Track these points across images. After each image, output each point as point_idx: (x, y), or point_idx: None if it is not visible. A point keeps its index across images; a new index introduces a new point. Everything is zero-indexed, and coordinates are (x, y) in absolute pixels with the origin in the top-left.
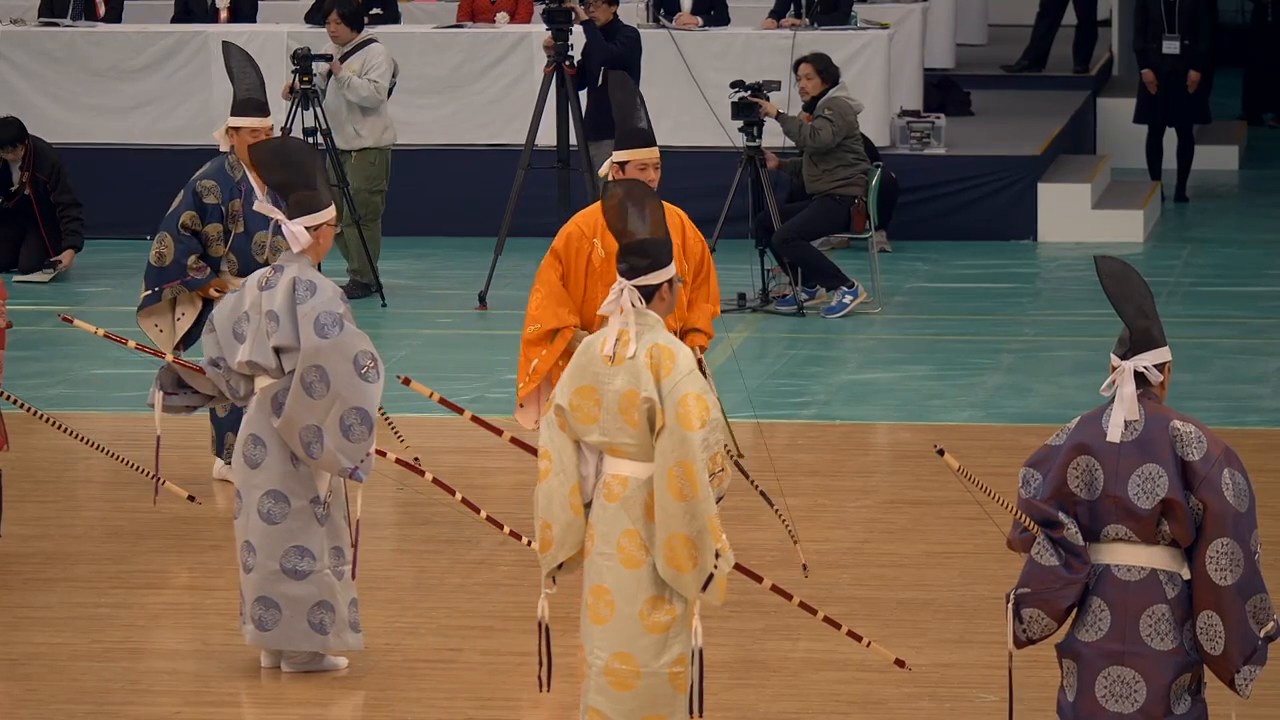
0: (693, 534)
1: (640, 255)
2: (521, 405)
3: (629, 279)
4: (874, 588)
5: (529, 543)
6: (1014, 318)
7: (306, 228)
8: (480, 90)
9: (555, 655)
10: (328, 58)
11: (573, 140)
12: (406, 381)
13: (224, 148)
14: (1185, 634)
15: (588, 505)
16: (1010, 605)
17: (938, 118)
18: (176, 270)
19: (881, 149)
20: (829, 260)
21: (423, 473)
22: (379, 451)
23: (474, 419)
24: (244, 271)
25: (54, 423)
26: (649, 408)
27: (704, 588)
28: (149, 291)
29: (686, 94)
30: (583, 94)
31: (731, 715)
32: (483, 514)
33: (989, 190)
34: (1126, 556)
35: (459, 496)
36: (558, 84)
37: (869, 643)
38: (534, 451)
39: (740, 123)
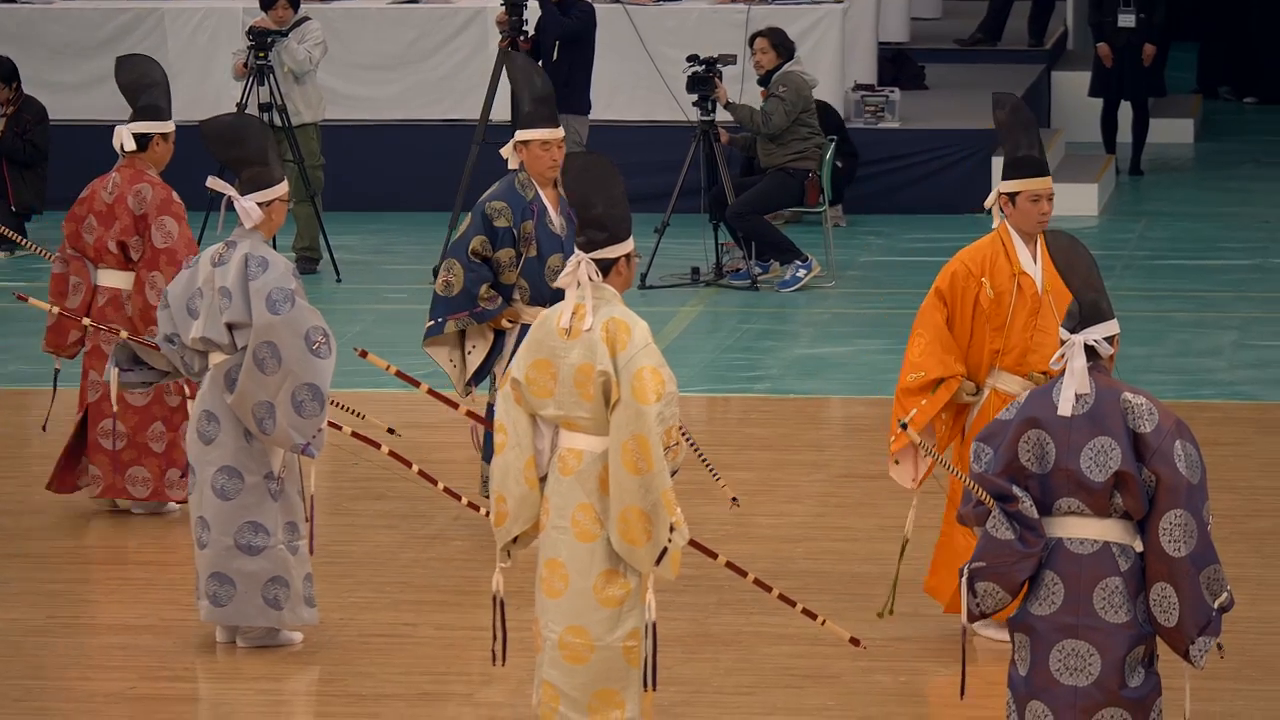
0: (647, 508)
1: (598, 229)
2: (896, 461)
3: (586, 252)
4: (828, 562)
5: (487, 514)
6: None
7: (258, 203)
8: (435, 66)
9: (510, 629)
10: (282, 34)
11: None
12: (364, 354)
13: (513, 164)
14: (1139, 606)
15: (543, 479)
16: (965, 579)
17: (892, 92)
18: (465, 300)
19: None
20: (782, 234)
21: (379, 445)
22: (333, 425)
23: (431, 392)
24: (536, 299)
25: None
26: (604, 381)
27: (658, 561)
28: (432, 322)
29: (641, 68)
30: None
31: (685, 689)
32: (440, 486)
33: (943, 164)
34: (1079, 529)
35: (416, 469)
36: None
37: (824, 620)
38: (490, 425)
39: (694, 97)
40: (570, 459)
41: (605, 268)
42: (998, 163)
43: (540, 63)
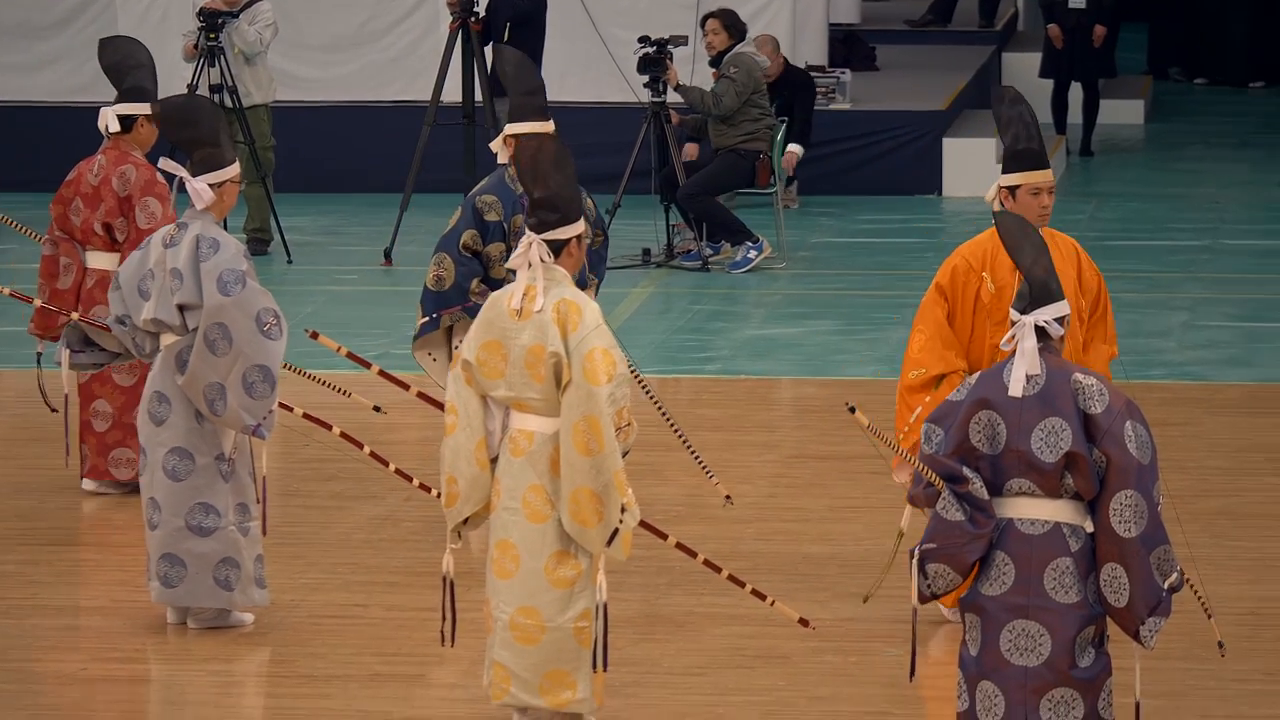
0: (598, 488)
1: (549, 210)
2: (907, 458)
3: (538, 233)
4: (779, 542)
5: (438, 495)
6: (919, 273)
7: (210, 185)
8: (385, 47)
9: (460, 610)
10: (233, 15)
11: (478, 96)
12: (315, 335)
13: (502, 159)
14: (1089, 587)
15: (494, 460)
16: (915, 560)
17: (843, 73)
18: (457, 294)
19: None
20: (733, 215)
21: (330, 426)
22: (284, 406)
23: (381, 373)
24: None
25: None
26: (555, 362)
27: (609, 542)
28: (426, 319)
29: (592, 49)
30: (488, 49)
31: (636, 670)
32: (391, 467)
33: (894, 145)
34: (1030, 510)
35: (367, 450)
36: (463, 40)
37: (773, 601)
38: (441, 407)
39: (645, 78)
40: (521, 440)
41: (556, 249)
42: (949, 144)
43: (490, 43)
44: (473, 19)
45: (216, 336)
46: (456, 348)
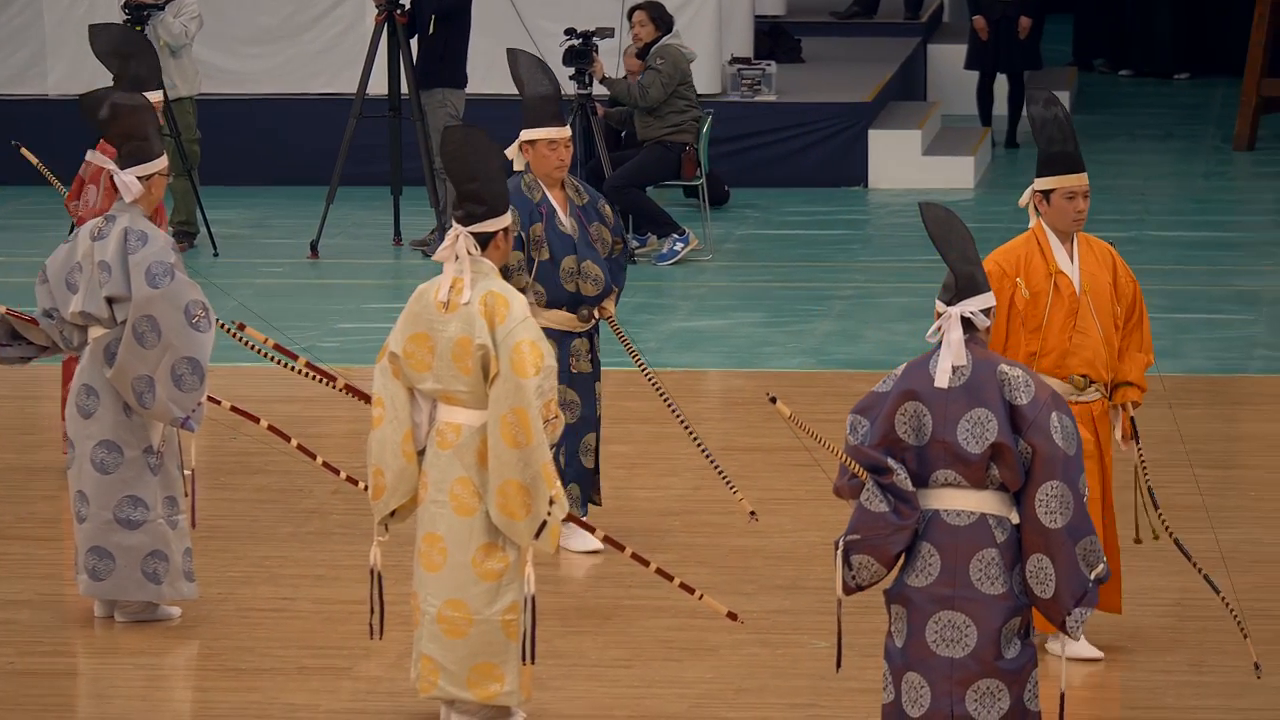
0: (526, 481)
1: (477, 202)
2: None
3: (465, 225)
4: (706, 534)
5: (365, 488)
6: (845, 264)
7: (138, 177)
8: (312, 39)
9: (388, 603)
10: (158, 7)
11: (404, 89)
12: (242, 328)
13: (518, 165)
14: (1015, 578)
15: (421, 452)
16: (840, 552)
17: (768, 65)
18: None
19: (713, 96)
20: (660, 207)
21: (257, 420)
22: (212, 399)
23: (309, 366)
24: (553, 303)
25: None
26: (483, 355)
27: (537, 535)
28: None
29: (518, 41)
30: (414, 42)
31: (564, 663)
32: (319, 460)
33: (820, 137)
34: (955, 501)
35: (295, 443)
36: (389, 32)
37: (700, 595)
38: (368, 399)
39: (571, 71)
40: (448, 432)
41: (483, 241)
42: (875, 135)
43: (415, 36)
44: (398, 11)
45: (145, 329)
46: None
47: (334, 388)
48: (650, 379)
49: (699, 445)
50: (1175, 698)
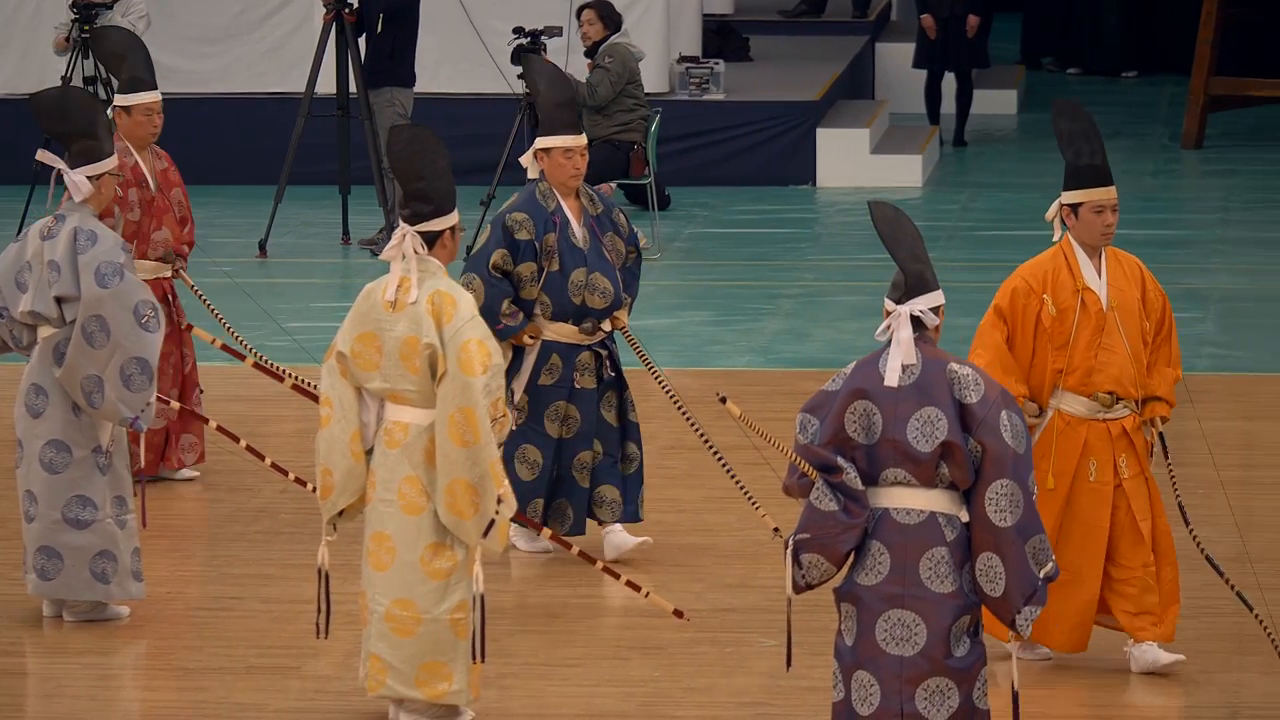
0: (474, 480)
1: (423, 201)
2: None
3: (412, 225)
4: (655, 533)
5: (313, 488)
6: (793, 263)
7: (88, 177)
8: (260, 38)
9: (336, 602)
10: (107, 6)
11: (352, 88)
12: (190, 328)
13: (532, 174)
14: (964, 576)
15: (369, 452)
16: (789, 551)
17: (716, 63)
18: (487, 317)
19: (661, 95)
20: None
21: (206, 420)
22: (161, 400)
23: (256, 366)
24: (559, 315)
25: None
26: (430, 354)
27: (485, 534)
28: None
29: (466, 40)
30: (362, 41)
31: (513, 662)
32: (268, 460)
33: (768, 136)
34: (905, 500)
35: (243, 443)
36: (337, 31)
37: (647, 593)
38: (315, 399)
39: (519, 69)
40: (396, 431)
41: (430, 240)
42: (823, 134)
43: (364, 35)
44: (347, 10)
45: (94, 329)
46: None
47: (290, 383)
48: (667, 390)
49: (719, 460)
50: (1123, 694)
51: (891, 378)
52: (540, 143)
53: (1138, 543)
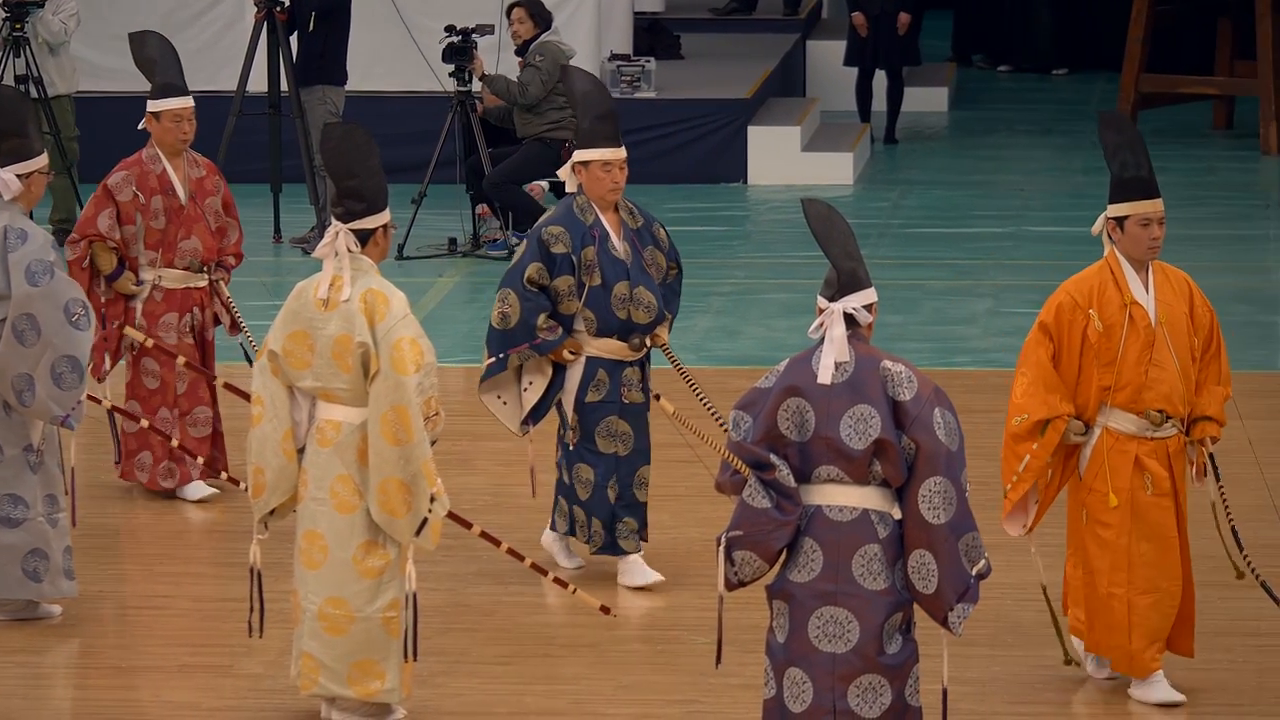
0: (407, 478)
1: (356, 199)
2: (1009, 513)
3: (344, 223)
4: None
5: (245, 487)
6: (725, 261)
7: (18, 175)
8: (192, 37)
9: (268, 601)
10: (38, 4)
11: (284, 86)
12: (121, 327)
13: (570, 188)
14: (897, 574)
15: (301, 450)
16: (722, 548)
17: (648, 61)
18: (524, 332)
19: None
20: (539, 204)
21: (138, 419)
22: (92, 398)
23: (188, 365)
24: (604, 330)
25: None
26: (363, 352)
27: (418, 532)
28: (493, 359)
29: (398, 38)
30: (293, 39)
31: (444, 659)
32: (199, 460)
33: (699, 133)
34: (838, 497)
35: (176, 442)
36: (269, 30)
37: (574, 589)
38: (247, 397)
39: (451, 68)
40: (328, 430)
41: (363, 238)
42: (754, 132)
43: (296, 34)
44: (278, 9)
45: (25, 327)
46: (527, 388)
47: (221, 382)
48: (708, 406)
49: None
50: (1055, 692)
51: (825, 375)
52: (579, 155)
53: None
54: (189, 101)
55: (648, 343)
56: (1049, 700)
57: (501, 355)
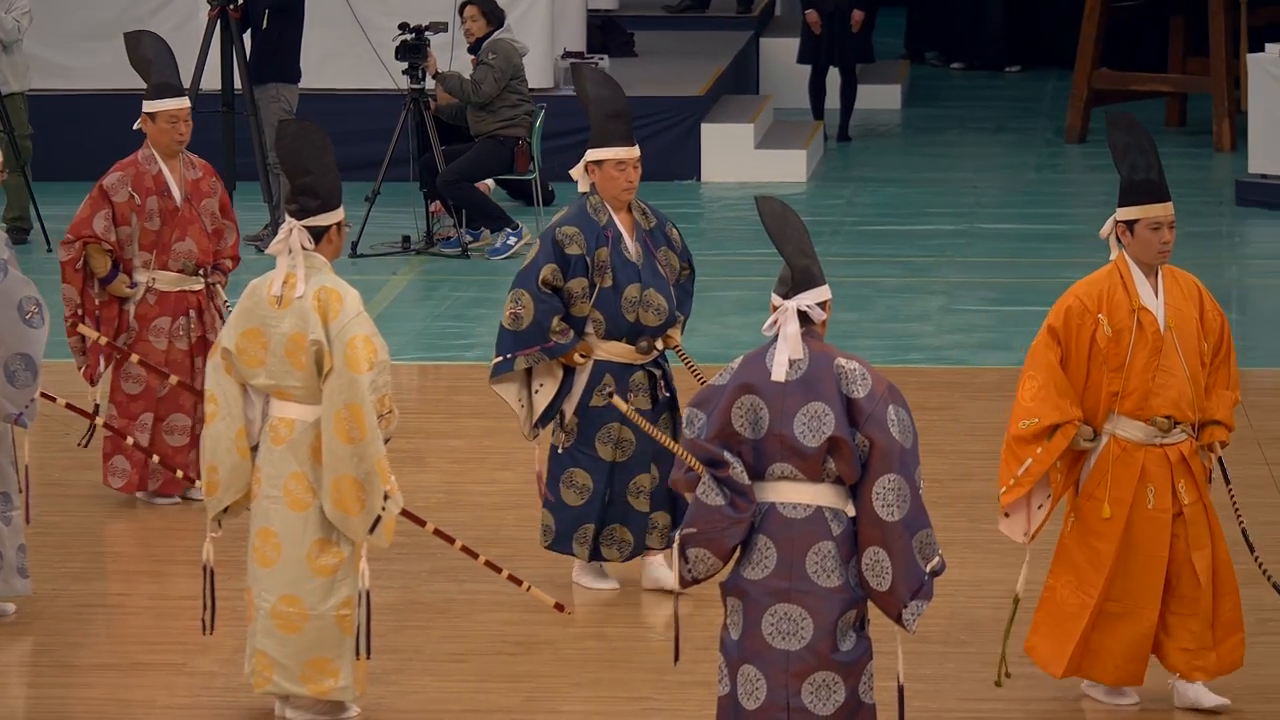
0: (360, 476)
1: (311, 196)
2: (1006, 514)
3: (299, 220)
4: (538, 529)
5: (197, 484)
6: None
7: None
8: None
9: (221, 598)
10: None
11: (237, 84)
12: (75, 326)
13: (583, 187)
14: (851, 571)
15: (255, 448)
16: (676, 545)
17: (601, 59)
18: (536, 334)
19: (545, 91)
20: (493, 202)
21: (93, 417)
22: (46, 396)
23: (142, 363)
24: (612, 333)
25: None
26: (316, 350)
27: (371, 530)
28: (500, 359)
29: (351, 36)
30: (247, 37)
31: (399, 657)
32: (155, 457)
33: (652, 131)
34: (792, 494)
35: (131, 441)
36: (222, 27)
37: (529, 587)
38: (200, 395)
39: (405, 65)
40: (282, 428)
41: (316, 236)
42: (708, 129)
43: (249, 31)
44: (232, 6)
45: None
46: (537, 390)
47: (173, 380)
48: None
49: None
50: (1008, 689)
51: (779, 373)
52: (591, 155)
53: (1194, 578)
54: (185, 102)
55: (658, 346)
56: (1003, 696)
57: (509, 355)
